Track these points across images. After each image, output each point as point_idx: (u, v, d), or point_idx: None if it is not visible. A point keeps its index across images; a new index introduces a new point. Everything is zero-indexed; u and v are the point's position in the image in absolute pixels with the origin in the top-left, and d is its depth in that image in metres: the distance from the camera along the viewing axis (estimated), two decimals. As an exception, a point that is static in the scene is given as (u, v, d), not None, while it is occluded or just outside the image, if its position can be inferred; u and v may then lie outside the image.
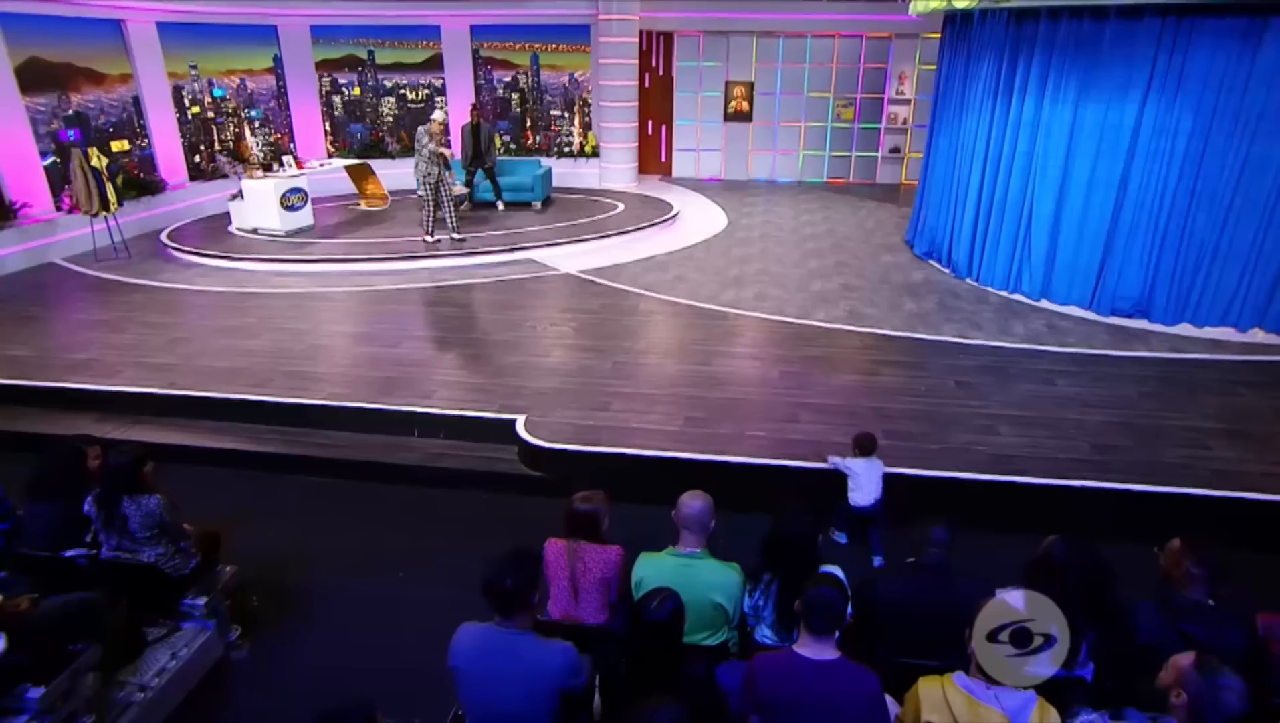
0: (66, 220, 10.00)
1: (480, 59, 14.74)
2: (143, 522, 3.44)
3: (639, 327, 7.42)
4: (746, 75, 14.70)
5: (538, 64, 14.74)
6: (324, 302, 8.20)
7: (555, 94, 14.90)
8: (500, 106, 15.11)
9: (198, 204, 12.31)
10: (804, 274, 9.06)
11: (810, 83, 14.62)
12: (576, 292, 8.48)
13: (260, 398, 5.97)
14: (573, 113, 14.99)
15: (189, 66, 12.47)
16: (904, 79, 14.35)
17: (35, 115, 9.95)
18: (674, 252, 10.08)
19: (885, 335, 7.15)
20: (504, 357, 6.70)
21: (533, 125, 15.16)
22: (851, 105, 14.70)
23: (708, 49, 14.68)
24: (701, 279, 8.87)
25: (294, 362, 6.59)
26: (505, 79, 14.88)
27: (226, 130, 13.39)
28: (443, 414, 5.74)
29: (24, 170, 9.80)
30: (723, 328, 7.36)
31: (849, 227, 11.46)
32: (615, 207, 12.34)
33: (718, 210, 12.49)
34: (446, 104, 14.84)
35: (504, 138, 15.14)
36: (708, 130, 15.17)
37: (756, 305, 7.95)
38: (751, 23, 14.19)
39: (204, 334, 7.26)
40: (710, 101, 14.97)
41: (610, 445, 5.24)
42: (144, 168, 11.81)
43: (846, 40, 14.30)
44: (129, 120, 11.50)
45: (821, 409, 5.71)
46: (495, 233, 10.63)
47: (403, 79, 14.90)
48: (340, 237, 10.60)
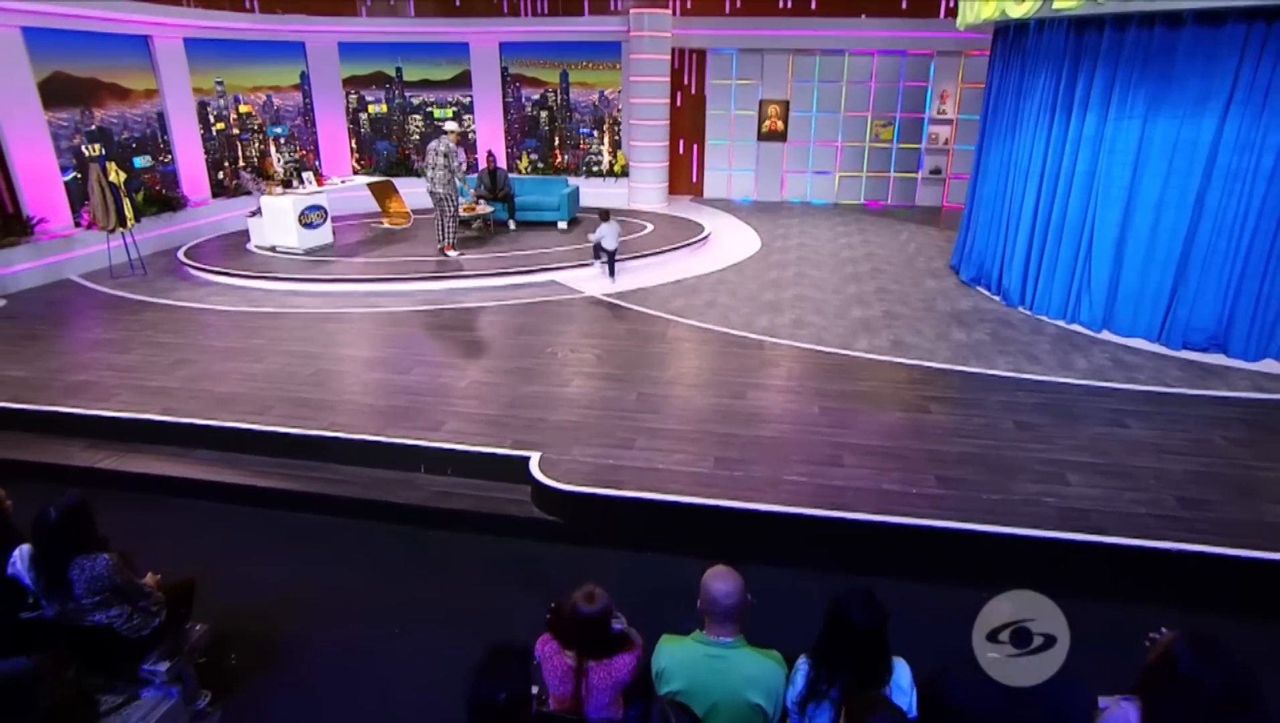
0: (85, 236, 9.87)
1: (509, 76, 14.62)
2: (89, 586, 3.01)
3: (666, 355, 6.99)
4: (781, 94, 14.39)
5: (567, 81, 14.56)
6: (336, 323, 7.93)
7: (584, 112, 14.70)
8: (528, 124, 14.94)
9: (219, 221, 12.19)
10: (843, 300, 8.58)
11: (847, 101, 14.25)
12: (601, 316, 8.11)
13: (256, 427, 5.60)
14: (602, 131, 14.77)
15: (215, 82, 12.41)
16: (945, 97, 13.86)
17: (57, 130, 9.86)
18: (705, 275, 9.70)
19: (934, 368, 6.62)
20: (521, 386, 6.30)
21: (561, 144, 14.96)
22: (890, 125, 14.27)
23: (741, 66, 14.39)
24: (734, 304, 8.44)
25: (297, 388, 6.26)
26: (534, 96, 14.74)
27: (251, 146, 13.29)
28: (451, 449, 5.33)
29: (43, 185, 9.70)
30: (757, 357, 6.89)
31: (889, 250, 10.97)
32: (644, 227, 12.03)
33: (751, 232, 12.13)
34: (474, 121, 14.71)
35: (531, 156, 14.92)
36: (740, 150, 14.87)
37: (793, 333, 7.48)
38: (787, 40, 13.86)
39: (208, 356, 6.98)
40: (743, 120, 14.67)
41: (632, 489, 4.77)
42: (166, 183, 11.70)
43: (886, 57, 13.90)
44: (152, 136, 11.41)
45: (867, 451, 5.18)
46: (518, 253, 10.31)
47: (430, 96, 14.83)
48: (359, 256, 10.38)
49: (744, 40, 13.99)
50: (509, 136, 14.97)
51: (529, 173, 14.60)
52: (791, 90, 14.31)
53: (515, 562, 4.70)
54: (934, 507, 4.54)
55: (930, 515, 4.44)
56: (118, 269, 9.78)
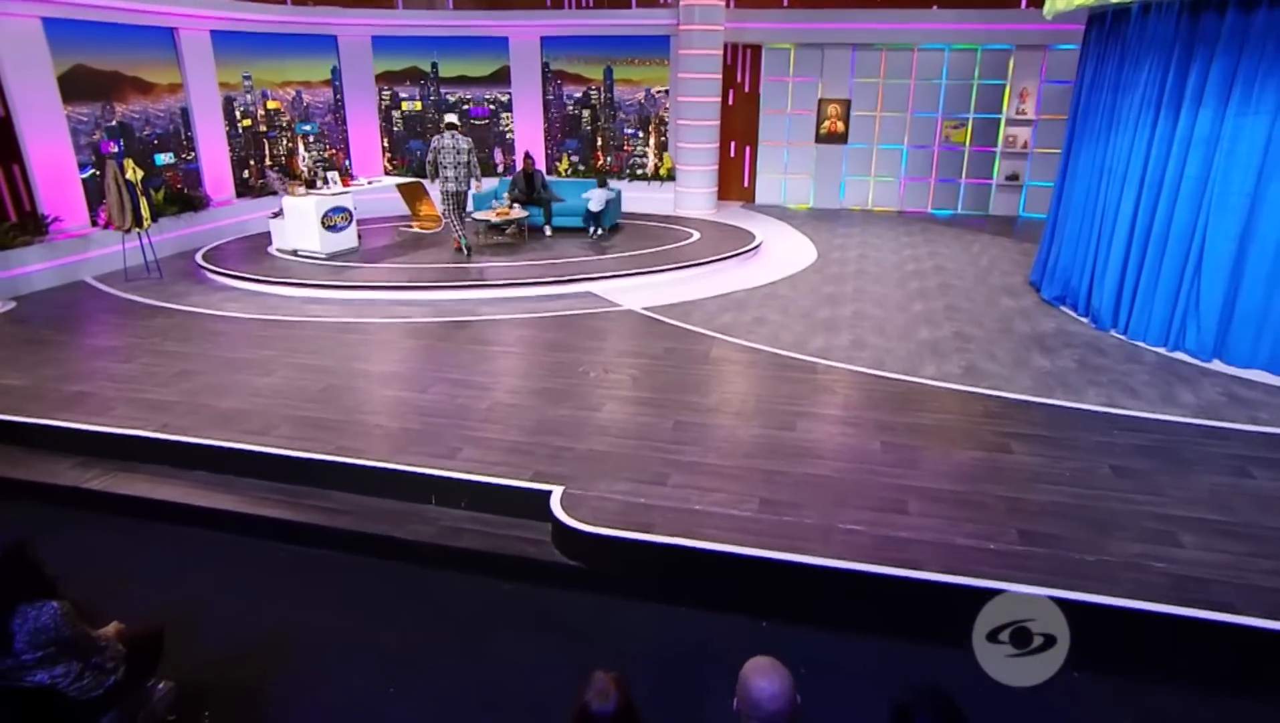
0: (102, 236, 9.96)
1: (550, 73, 14.52)
2: (31, 639, 2.75)
3: (709, 378, 6.65)
4: (842, 92, 14.03)
5: (612, 79, 14.42)
6: (353, 334, 7.79)
7: (629, 111, 14.54)
8: (569, 124, 14.81)
9: (243, 222, 12.26)
10: (908, 319, 8.15)
11: (915, 101, 13.82)
12: (639, 332, 7.84)
13: (255, 448, 5.42)
14: (647, 132, 14.58)
15: (242, 77, 12.53)
16: (1025, 96, 13.30)
17: (76, 125, 9.97)
18: (754, 288, 9.38)
19: (1013, 400, 6.14)
20: (547, 409, 6.02)
21: (604, 145, 14.79)
22: (963, 126, 13.78)
23: (799, 63, 14.07)
24: (785, 321, 8.08)
25: (305, 405, 6.08)
26: (576, 94, 14.62)
27: (279, 145, 13.36)
28: (465, 480, 5.06)
29: (61, 182, 9.81)
30: (810, 383, 6.51)
31: (959, 264, 10.49)
32: (690, 235, 11.76)
33: (806, 242, 11.79)
34: (512, 120, 14.66)
35: (572, 158, 14.76)
36: (797, 153, 14.55)
37: (851, 356, 7.07)
38: (850, 34, 13.48)
39: (214, 367, 6.87)
40: (800, 121, 14.34)
41: (665, 533, 4.42)
42: (188, 182, 11.81)
43: (959, 52, 13.44)
44: (175, 132, 11.54)
45: (937, 497, 4.74)
46: (552, 262, 10.11)
47: (467, 93, 14.81)
48: (384, 261, 10.29)
49: (802, 34, 13.69)
50: (548, 137, 14.87)
51: (569, 175, 14.44)
52: (853, 88, 13.97)
53: (530, 611, 4.41)
54: (1016, 567, 4.09)
55: (1012, 578, 3.99)
56: (133, 271, 9.83)
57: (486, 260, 10.23)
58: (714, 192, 14.10)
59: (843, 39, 13.57)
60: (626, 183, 14.26)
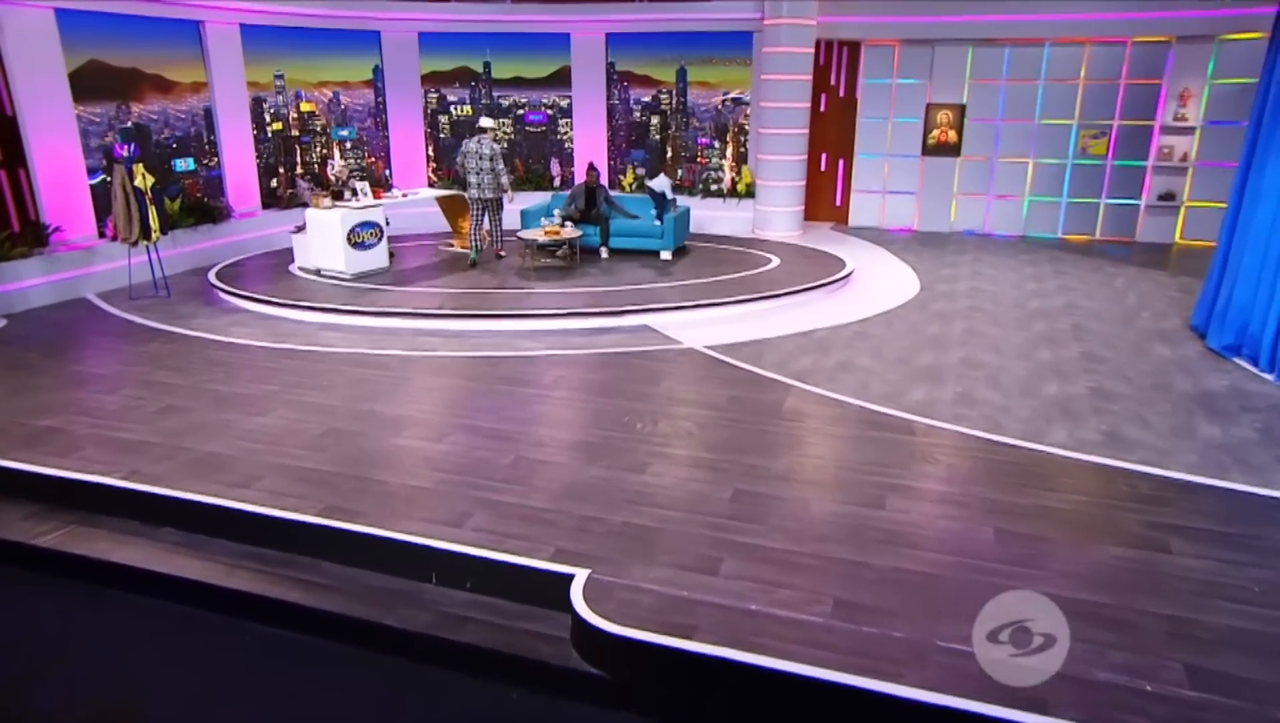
0: (108, 249, 10.12)
1: (615, 74, 14.49)
2: None
3: (780, 436, 6.22)
4: (956, 96, 13.67)
5: (685, 81, 14.32)
6: (368, 368, 7.67)
7: (704, 118, 14.40)
8: (636, 132, 14.74)
9: (268, 236, 12.42)
10: (1032, 369, 7.58)
11: (1045, 105, 13.36)
12: (700, 376, 7.51)
13: (233, 505, 5.18)
14: (724, 141, 14.39)
15: (274, 76, 12.76)
16: (1186, 98, 12.59)
17: (87, 126, 10.21)
18: (841, 326, 9.00)
19: (1172, 480, 5.46)
20: (581, 467, 5.69)
21: (674, 156, 14.64)
22: (1104, 136, 13.21)
23: (905, 62, 13.77)
24: (878, 368, 7.62)
25: (298, 453, 5.87)
26: (644, 99, 14.57)
27: (312, 151, 13.52)
28: (472, 555, 4.70)
29: (67, 189, 10.03)
30: (905, 447, 6.00)
31: (1098, 301, 9.89)
32: (768, 261, 11.51)
33: (907, 271, 11.41)
34: (571, 127, 14.71)
35: (638, 171, 14.60)
36: (899, 166, 14.24)
37: (959, 414, 6.53)
38: (966, 28, 13.10)
39: (206, 402, 6.78)
40: (904, 130, 14.04)
41: (710, 640, 3.93)
42: (209, 191, 12.02)
43: (1102, 48, 12.91)
44: (197, 135, 11.78)
45: (1072, 610, 4.09)
46: (606, 289, 9.91)
47: (522, 96, 14.88)
48: (415, 284, 10.26)
49: (909, 29, 13.37)
50: (611, 146, 14.80)
51: (634, 190, 14.26)
52: (969, 92, 13.60)
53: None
54: (1184, 720, 3.41)
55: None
56: (139, 289, 9.97)
57: (530, 286, 10.09)
58: (799, 211, 13.84)
59: (957, 34, 13.24)
60: (699, 199, 14.09)
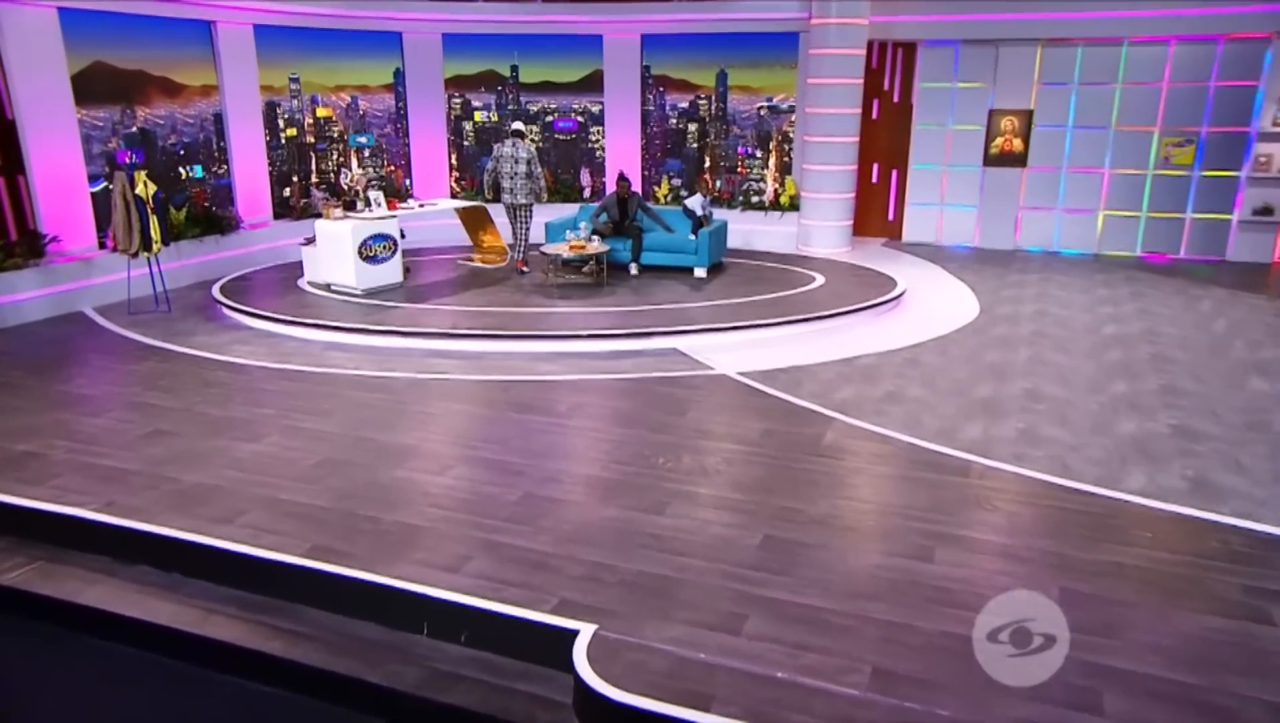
0: (108, 261, 10.23)
1: (650, 78, 14.54)
2: None
3: (816, 475, 6.00)
4: (1022, 101, 13.55)
5: (725, 85, 14.35)
6: (373, 392, 7.63)
7: (746, 125, 14.39)
8: (672, 140, 14.73)
9: (279, 248, 12.57)
10: (1105, 404, 7.31)
11: (1123, 111, 13.18)
12: (730, 405, 7.36)
13: (211, 542, 5.07)
14: (767, 150, 14.37)
15: (289, 79, 12.91)
16: (1287, 101, 12.37)
17: (90, 131, 10.35)
18: (891, 351, 8.82)
19: (1272, 537, 5.12)
20: (594, 506, 5.52)
21: (713, 166, 14.63)
22: (1190, 143, 12.99)
23: (966, 64, 13.69)
24: (930, 400, 7.42)
25: (288, 485, 5.78)
26: (681, 104, 14.62)
27: (328, 159, 13.61)
28: (468, 605, 4.53)
29: (67, 197, 10.16)
30: (959, 491, 5.73)
31: (1183, 327, 9.60)
32: (812, 280, 11.43)
33: (965, 292, 11.28)
34: (603, 134, 14.78)
35: (673, 181, 14.54)
36: (959, 178, 14.16)
37: (1021, 453, 6.28)
38: (1034, 26, 12.96)
39: (196, 427, 6.74)
40: (964, 138, 13.97)
41: (728, 713, 3.70)
42: (217, 200, 12.15)
43: (1188, 46, 12.69)
44: (206, 141, 11.94)
45: (1151, 690, 3.79)
46: (634, 309, 9.84)
47: (551, 101, 14.99)
48: (430, 301, 10.29)
49: (971, 28, 13.27)
50: (645, 155, 14.80)
51: (669, 202, 14.20)
52: (1037, 96, 13.47)
53: (530, 812, 3.74)
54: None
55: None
56: (139, 303, 10.07)
57: (552, 304, 10.03)
58: (848, 225, 13.79)
59: (1025, 32, 13.13)
60: (739, 211, 14.08)
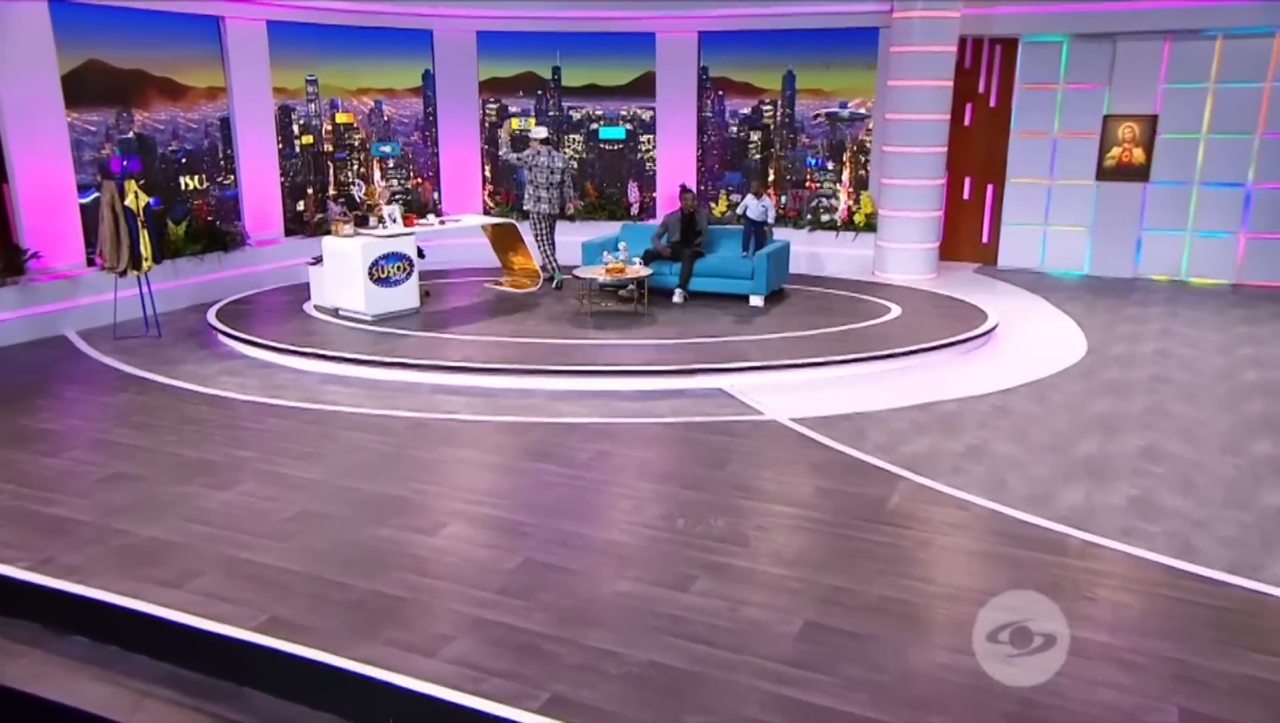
0: (96, 279, 10.34)
1: (708, 81, 14.57)
2: None
3: (876, 547, 5.66)
4: (1143, 104, 13.34)
5: (793, 88, 14.35)
6: (369, 433, 7.55)
7: (816, 134, 14.36)
8: (732, 150, 14.74)
9: (289, 268, 12.64)
10: (1243, 468, 6.88)
11: (1272, 114, 12.87)
12: (779, 457, 7.13)
13: (154, 612, 4.88)
14: (840, 162, 14.31)
15: (305, 81, 13.13)
16: None
17: (82, 136, 10.54)
18: (976, 397, 8.54)
19: None
20: (604, 579, 5.26)
21: (777, 179, 14.61)
22: None
23: (1077, 62, 13.59)
24: (1021, 457, 7.07)
25: (255, 542, 5.62)
26: (743, 110, 14.65)
27: (348, 169, 13.74)
28: (442, 699, 4.25)
29: (53, 209, 10.29)
30: (1050, 573, 5.33)
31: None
32: (886, 310, 11.26)
33: (1071, 327, 11.04)
34: (654, 144, 14.85)
35: (732, 197, 14.54)
36: (1066, 194, 14.03)
37: (1131, 528, 5.86)
38: (1163, 15, 12.64)
39: (163, 470, 6.68)
40: (1074, 148, 13.81)
41: None
42: (222, 213, 12.30)
43: None
44: (211, 149, 12.13)
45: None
46: (676, 342, 9.70)
47: (596, 107, 15.10)
48: (447, 329, 10.26)
49: (1083, 20, 13.11)
50: (701, 167, 14.80)
51: (728, 221, 14.14)
52: (1162, 98, 13.19)
53: None
54: None
55: None
56: (126, 326, 10.15)
57: (584, 334, 9.97)
58: (933, 249, 13.68)
59: (1149, 23, 12.88)
60: (806, 231, 14.06)
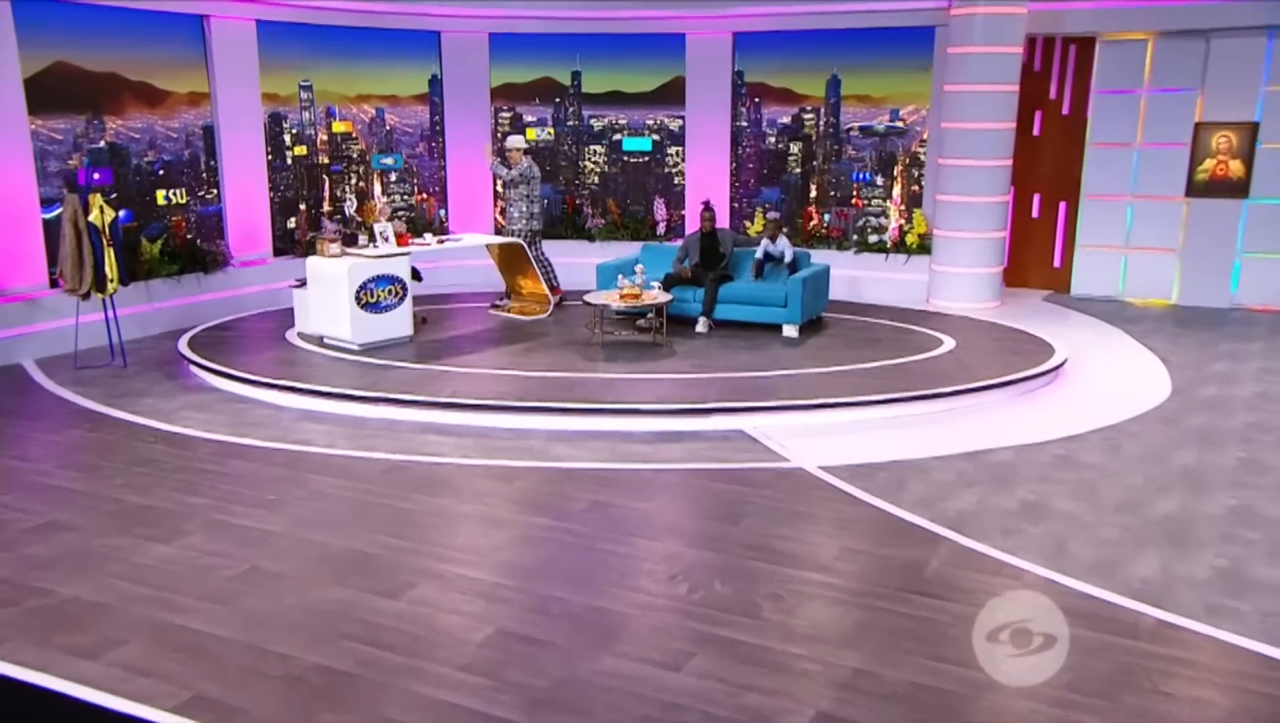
0: (59, 302, 10.39)
1: (743, 87, 14.55)
2: None
3: (910, 622, 5.37)
4: (1242, 111, 13.18)
5: (838, 94, 14.32)
6: (339, 477, 7.47)
7: (863, 146, 14.26)
8: (769, 164, 14.70)
9: (276, 291, 12.65)
10: None
11: None
12: (803, 512, 6.91)
13: (55, 687, 4.67)
14: (890, 177, 14.19)
15: (299, 86, 13.20)
16: None
17: (47, 145, 10.58)
18: (1036, 445, 8.27)
19: None
20: (585, 655, 5.00)
21: (819, 195, 14.49)
22: None
23: (1163, 63, 13.43)
24: (1086, 517, 6.77)
25: (192, 604, 5.44)
26: (782, 119, 14.62)
27: (345, 183, 13.76)
28: None
29: (11, 225, 10.33)
30: (1117, 659, 4.98)
31: None
32: (938, 343, 11.01)
33: (1153, 364, 10.79)
34: (684, 157, 14.81)
35: (769, 214, 14.31)
36: (1151, 213, 13.85)
37: (1217, 606, 5.51)
38: (1264, 9, 12.39)
39: (103, 519, 6.57)
40: (1160, 160, 13.66)
41: None
42: (203, 231, 12.31)
43: None
44: (192, 160, 12.18)
45: None
46: (693, 377, 9.54)
47: (620, 116, 15.09)
48: (441, 360, 10.18)
49: (1171, 15, 12.94)
50: (735, 182, 14.73)
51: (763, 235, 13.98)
52: (1264, 103, 13.00)
53: None
54: None
55: None
56: (89, 355, 10.20)
57: (593, 367, 9.88)
58: (997, 273, 13.55)
59: (1248, 18, 12.65)
60: (851, 254, 13.97)
